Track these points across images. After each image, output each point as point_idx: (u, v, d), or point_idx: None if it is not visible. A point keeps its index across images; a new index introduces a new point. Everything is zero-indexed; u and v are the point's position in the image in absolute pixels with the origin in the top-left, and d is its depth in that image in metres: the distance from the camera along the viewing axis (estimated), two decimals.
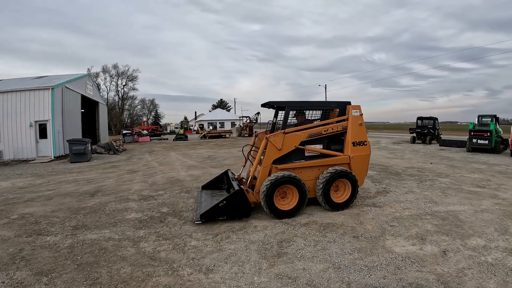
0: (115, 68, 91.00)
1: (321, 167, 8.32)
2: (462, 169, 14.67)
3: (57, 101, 23.32)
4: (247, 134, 52.99)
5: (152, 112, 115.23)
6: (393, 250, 5.74)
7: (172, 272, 5.00)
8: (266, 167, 7.90)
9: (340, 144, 8.81)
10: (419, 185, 11.19)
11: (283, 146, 7.96)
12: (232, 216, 7.44)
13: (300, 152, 8.35)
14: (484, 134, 21.56)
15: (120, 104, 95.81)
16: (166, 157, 22.52)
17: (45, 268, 5.19)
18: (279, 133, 7.99)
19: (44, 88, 22.62)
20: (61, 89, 24.08)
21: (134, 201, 9.52)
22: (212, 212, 7.27)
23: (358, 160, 8.61)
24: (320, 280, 4.70)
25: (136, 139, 45.89)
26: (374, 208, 8.38)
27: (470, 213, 7.87)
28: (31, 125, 22.23)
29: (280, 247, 5.93)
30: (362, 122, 8.72)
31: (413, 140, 31.64)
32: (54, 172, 16.07)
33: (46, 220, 7.80)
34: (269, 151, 7.90)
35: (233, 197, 7.42)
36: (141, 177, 13.91)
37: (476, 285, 4.52)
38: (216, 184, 9.94)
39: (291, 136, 8.07)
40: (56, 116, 22.87)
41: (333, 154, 8.51)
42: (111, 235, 6.64)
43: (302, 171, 8.19)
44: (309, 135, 8.26)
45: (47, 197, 10.20)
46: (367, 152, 8.81)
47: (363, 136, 8.70)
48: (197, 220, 7.24)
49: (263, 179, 7.78)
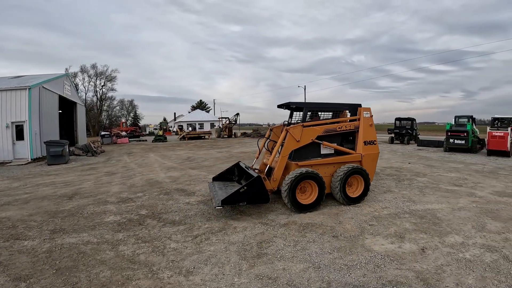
0: (94, 68, 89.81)
1: (336, 164, 8.88)
2: (439, 169, 14.91)
3: (34, 102, 22.83)
4: (226, 135, 52.85)
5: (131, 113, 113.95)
6: (372, 248, 5.80)
7: (151, 275, 4.96)
8: (284, 157, 8.34)
9: (351, 143, 9.51)
10: (397, 185, 11.33)
11: (301, 138, 8.49)
12: (252, 202, 7.68)
13: (316, 150, 8.97)
14: (461, 134, 21.97)
15: (99, 105, 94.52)
16: (145, 159, 22.31)
17: (23, 273, 5.09)
18: (298, 125, 8.54)
19: (21, 88, 22.11)
20: (39, 89, 23.60)
21: (112, 203, 9.41)
22: (233, 197, 7.42)
23: (368, 158, 9.25)
24: (301, 280, 4.72)
25: (115, 141, 45.33)
26: (353, 208, 8.44)
27: (447, 211, 8.01)
28: (8, 127, 21.70)
29: (260, 247, 5.94)
30: (372, 123, 9.45)
31: (391, 141, 32.00)
32: (31, 175, 15.79)
33: (23, 224, 7.64)
34: (288, 142, 8.38)
35: (254, 184, 7.60)
36: (119, 179, 13.75)
37: (455, 281, 4.61)
38: (227, 175, 10.11)
39: (309, 130, 8.66)
40: (33, 117, 22.39)
41: (347, 152, 9.10)
42: (89, 239, 6.55)
43: (319, 168, 8.67)
44: (325, 130, 8.88)
45: (24, 201, 10.01)
46: (377, 151, 9.48)
47: (373, 136, 9.41)
48: (218, 206, 7.34)
49: (281, 169, 8.29)
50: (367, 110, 9.42)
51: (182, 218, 7.86)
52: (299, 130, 8.45)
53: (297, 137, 8.41)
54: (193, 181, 12.73)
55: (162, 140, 46.73)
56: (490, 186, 10.99)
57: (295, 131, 8.40)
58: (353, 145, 9.46)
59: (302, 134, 8.48)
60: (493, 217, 7.52)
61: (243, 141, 41.05)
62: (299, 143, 8.49)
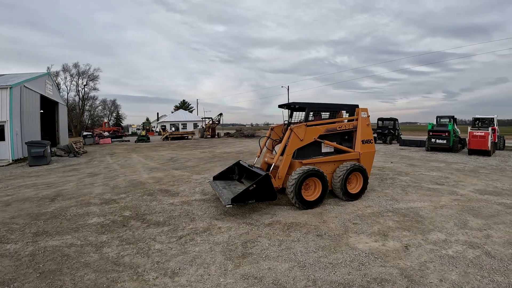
0: (76, 67, 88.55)
1: (336, 162, 9.32)
2: (421, 168, 15.11)
3: (16, 101, 22.39)
4: (210, 135, 52.79)
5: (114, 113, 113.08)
6: (356, 247, 5.87)
7: (137, 277, 4.94)
8: (289, 155, 8.65)
9: (349, 142, 9.95)
10: (380, 184, 11.46)
11: (304, 137, 8.83)
12: (261, 199, 7.81)
13: (317, 149, 9.36)
14: (443, 134, 22.32)
15: (81, 105, 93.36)
16: (128, 159, 22.12)
17: (6, 277, 5.02)
18: (302, 125, 8.86)
19: (2, 87, 21.62)
20: (20, 88, 23.15)
21: (95, 205, 9.31)
22: (243, 195, 7.51)
23: (366, 156, 9.79)
24: (286, 279, 4.75)
25: (97, 141, 44.85)
26: (336, 207, 8.51)
27: (430, 209, 8.15)
28: None
29: (245, 247, 5.96)
30: (369, 123, 9.98)
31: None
32: (12, 176, 15.53)
33: (5, 227, 7.51)
34: (292, 141, 8.68)
35: (262, 181, 7.72)
36: (102, 180, 13.62)
37: (438, 277, 4.70)
38: (227, 174, 10.20)
39: (312, 129, 9.03)
40: (14, 117, 21.94)
41: (347, 150, 9.59)
42: (73, 241, 6.48)
43: (321, 165, 8.98)
44: (327, 129, 9.31)
45: (5, 203, 9.85)
46: (373, 149, 10.04)
47: (370, 135, 9.98)
48: (228, 204, 7.39)
49: (286, 167, 8.61)
50: (365, 111, 9.91)
51: (166, 219, 7.83)
52: (303, 129, 8.76)
53: (301, 136, 8.71)
54: (176, 182, 12.67)
55: (145, 141, 46.41)
56: (471, 184, 11.19)
57: (299, 131, 8.70)
58: (351, 143, 9.91)
59: (305, 133, 8.81)
60: (474, 215, 7.68)
61: (226, 141, 41.02)
62: (302, 142, 8.80)
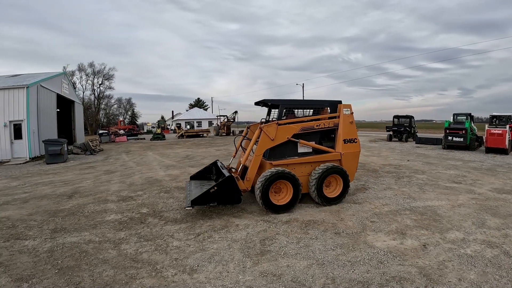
0: (91, 67, 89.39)
1: (314, 163, 8.62)
2: (438, 166, 14.94)
3: (32, 100, 22.73)
4: (225, 133, 52.74)
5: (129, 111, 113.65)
6: (374, 245, 5.82)
7: (155, 273, 4.96)
8: (258, 156, 8.14)
9: (331, 142, 9.19)
10: (397, 182, 11.35)
11: (276, 136, 8.25)
12: (223, 202, 7.57)
13: (293, 149, 8.71)
14: (459, 132, 22.03)
15: (96, 104, 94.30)
16: (144, 157, 22.26)
17: (25, 273, 5.07)
18: (273, 123, 8.28)
19: (19, 87, 22.00)
20: (36, 88, 23.49)
21: (113, 202, 9.40)
22: (203, 198, 7.30)
23: (348, 156, 8.95)
24: (305, 276, 4.74)
25: (113, 139, 45.20)
26: (354, 205, 8.47)
27: (447, 208, 8.04)
28: (5, 126, 21.62)
29: (263, 245, 5.95)
30: (352, 120, 9.12)
31: (389, 138, 31.99)
32: (29, 174, 15.73)
33: (24, 223, 7.61)
34: (262, 141, 8.17)
35: (224, 183, 7.48)
36: (119, 178, 13.73)
37: (457, 276, 4.64)
38: (205, 174, 9.98)
39: (284, 128, 8.39)
40: (31, 115, 22.29)
41: (325, 150, 8.87)
42: (91, 238, 6.54)
43: (296, 167, 8.45)
44: (302, 128, 8.60)
45: (23, 200, 9.98)
46: (357, 149, 9.15)
47: (354, 133, 9.08)
48: (187, 206, 7.28)
49: (255, 168, 8.10)
50: (348, 107, 9.14)
51: (184, 216, 7.86)
52: (273, 128, 8.24)
53: (271, 135, 8.20)
54: None
55: (160, 139, 46.53)
56: (488, 183, 11.02)
57: (269, 129, 8.20)
58: (334, 143, 9.20)
59: (277, 132, 8.26)
60: (492, 214, 7.57)
61: None
62: (274, 142, 8.29)
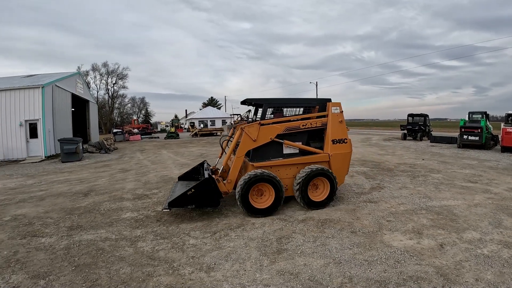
0: (105, 67, 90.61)
1: (300, 165, 8.27)
2: (453, 165, 14.81)
3: (48, 100, 23.02)
4: None
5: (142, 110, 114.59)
6: (391, 244, 5.79)
7: (172, 271, 4.98)
8: (239, 157, 7.85)
9: (320, 142, 8.73)
10: (412, 181, 11.27)
11: (258, 137, 7.93)
12: (201, 205, 7.44)
13: (278, 150, 8.33)
14: (475, 131, 21.81)
15: (110, 103, 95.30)
16: (158, 156, 22.40)
17: (42, 270, 5.11)
18: (255, 123, 7.96)
19: (34, 86, 22.27)
20: (52, 87, 23.79)
21: (128, 200, 9.46)
22: (180, 200, 7.20)
23: (338, 158, 8.51)
24: (322, 275, 4.73)
25: (127, 138, 45.61)
26: (369, 204, 8.43)
27: (464, 208, 7.97)
28: (21, 125, 21.90)
29: (280, 243, 5.95)
30: (342, 119, 8.61)
31: (404, 137, 31.81)
32: (45, 172, 15.91)
33: (40, 221, 7.69)
34: (244, 142, 7.88)
35: (201, 186, 7.32)
36: (134, 176, 13.84)
37: (474, 276, 4.60)
38: (193, 175, 9.81)
39: (267, 128, 8.05)
40: (46, 115, 22.57)
41: (312, 151, 8.45)
42: (107, 235, 6.59)
43: (280, 169, 8.18)
44: (287, 128, 8.21)
45: (40, 198, 10.09)
46: (348, 150, 8.68)
47: (343, 133, 8.59)
48: (165, 208, 7.28)
49: (236, 169, 7.85)
50: (337, 105, 8.63)
51: (199, 214, 7.90)
52: (255, 129, 7.90)
53: (253, 136, 7.87)
54: None
55: (174, 137, 46.79)
56: (505, 182, 10.90)
57: (251, 130, 7.87)
58: (322, 143, 8.70)
59: (259, 132, 7.93)
60: (509, 214, 7.48)
61: None
62: (256, 143, 7.94)
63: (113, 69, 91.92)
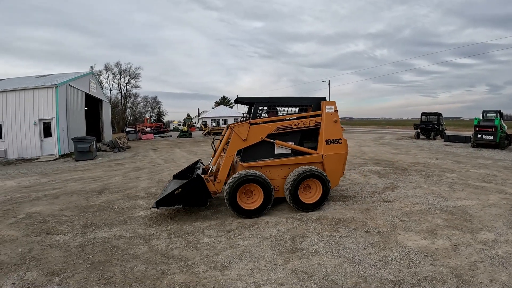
0: (118, 66, 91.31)
1: (292, 165, 8.08)
2: (467, 165, 14.67)
3: (61, 100, 23.30)
4: None
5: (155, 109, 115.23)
6: (405, 244, 5.75)
7: (187, 269, 5.00)
8: (229, 157, 7.75)
9: (314, 142, 8.50)
10: (426, 180, 11.19)
11: (248, 137, 7.82)
12: (188, 204, 7.45)
13: (270, 150, 8.18)
14: (489, 130, 21.55)
15: (123, 102, 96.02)
16: (171, 154, 22.52)
17: (56, 267, 5.16)
18: (245, 123, 7.87)
19: (48, 86, 22.57)
20: (65, 87, 24.07)
21: (142, 198, 9.53)
22: (167, 199, 7.22)
23: (332, 159, 8.26)
24: (336, 275, 4.71)
25: (140, 137, 45.89)
26: (383, 203, 8.38)
27: (478, 208, 7.89)
28: (35, 124, 22.19)
29: (294, 242, 5.94)
30: (337, 119, 8.36)
31: (417, 136, 31.61)
32: (59, 171, 16.07)
33: (54, 219, 7.78)
34: (234, 141, 7.80)
35: (189, 185, 7.32)
36: (147, 175, 13.93)
37: (488, 277, 4.56)
38: (187, 174, 9.56)
39: (258, 128, 7.94)
40: (60, 114, 22.84)
41: (304, 151, 8.26)
42: (121, 233, 6.64)
43: (271, 169, 8.03)
44: (278, 128, 8.04)
45: (54, 196, 10.20)
46: (343, 151, 8.42)
47: (338, 134, 8.35)
48: (152, 207, 7.31)
49: (226, 169, 7.76)
50: (331, 104, 8.38)
51: (213, 212, 7.92)
52: (245, 128, 7.79)
53: (243, 136, 7.77)
54: None
55: (187, 136, 46.93)
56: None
57: (240, 129, 7.77)
58: (317, 144, 8.45)
59: (249, 132, 7.81)
60: None
61: None
62: (246, 142, 7.84)
63: (126, 69, 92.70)
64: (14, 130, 22.26)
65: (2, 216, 8.09)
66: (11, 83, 24.91)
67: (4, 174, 15.83)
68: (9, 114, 22.28)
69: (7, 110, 22.28)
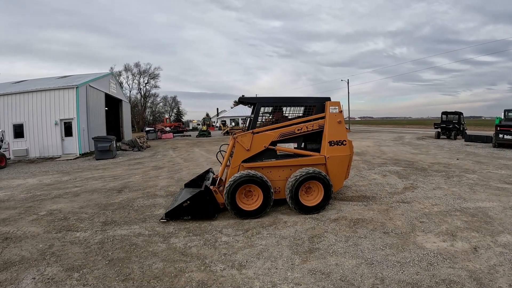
0: (137, 67, 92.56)
1: (294, 167, 7.93)
2: (489, 165, 14.41)
3: (82, 100, 23.72)
4: None
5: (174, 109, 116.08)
6: (424, 246, 5.69)
7: (204, 267, 5.03)
8: (234, 168, 7.73)
9: (317, 144, 8.31)
10: (446, 181, 11.03)
11: (251, 146, 7.76)
12: (196, 217, 7.34)
13: (272, 150, 8.03)
14: (511, 129, 21.10)
15: (143, 102, 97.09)
16: (191, 154, 22.66)
17: (76, 264, 5.25)
18: (248, 133, 7.80)
19: (69, 87, 23.03)
20: (85, 87, 24.49)
21: (161, 197, 9.62)
22: (176, 211, 7.29)
23: (335, 161, 8.03)
24: (354, 276, 4.69)
25: (159, 136, 46.29)
26: (402, 204, 8.29)
27: (499, 210, 7.73)
28: (57, 124, 22.66)
29: (312, 242, 5.93)
30: (341, 119, 8.16)
31: (437, 135, 31.18)
32: (80, 169, 16.32)
33: (75, 216, 7.92)
34: (237, 152, 7.76)
35: (197, 197, 7.29)
36: (166, 173, 14.04)
37: (508, 282, 4.46)
38: (198, 182, 9.50)
39: (261, 136, 7.84)
40: (81, 114, 23.26)
41: (306, 154, 8.09)
42: (141, 231, 6.72)
43: (272, 170, 7.92)
44: (281, 134, 7.93)
45: (75, 194, 10.36)
46: (347, 153, 8.18)
47: (342, 135, 8.12)
48: (161, 219, 7.31)
49: None
50: (336, 105, 8.13)
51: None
52: (248, 138, 7.72)
53: (246, 146, 7.71)
54: None
55: (206, 135, 47.24)
56: None
57: (243, 140, 7.71)
58: (320, 145, 8.25)
59: (252, 141, 7.73)
60: None
61: None
62: (249, 152, 7.76)
63: (145, 69, 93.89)
64: (36, 130, 22.81)
65: (24, 213, 8.27)
66: (33, 84, 25.47)
67: (26, 172, 16.17)
68: (31, 114, 22.84)
69: (28, 110, 22.85)
